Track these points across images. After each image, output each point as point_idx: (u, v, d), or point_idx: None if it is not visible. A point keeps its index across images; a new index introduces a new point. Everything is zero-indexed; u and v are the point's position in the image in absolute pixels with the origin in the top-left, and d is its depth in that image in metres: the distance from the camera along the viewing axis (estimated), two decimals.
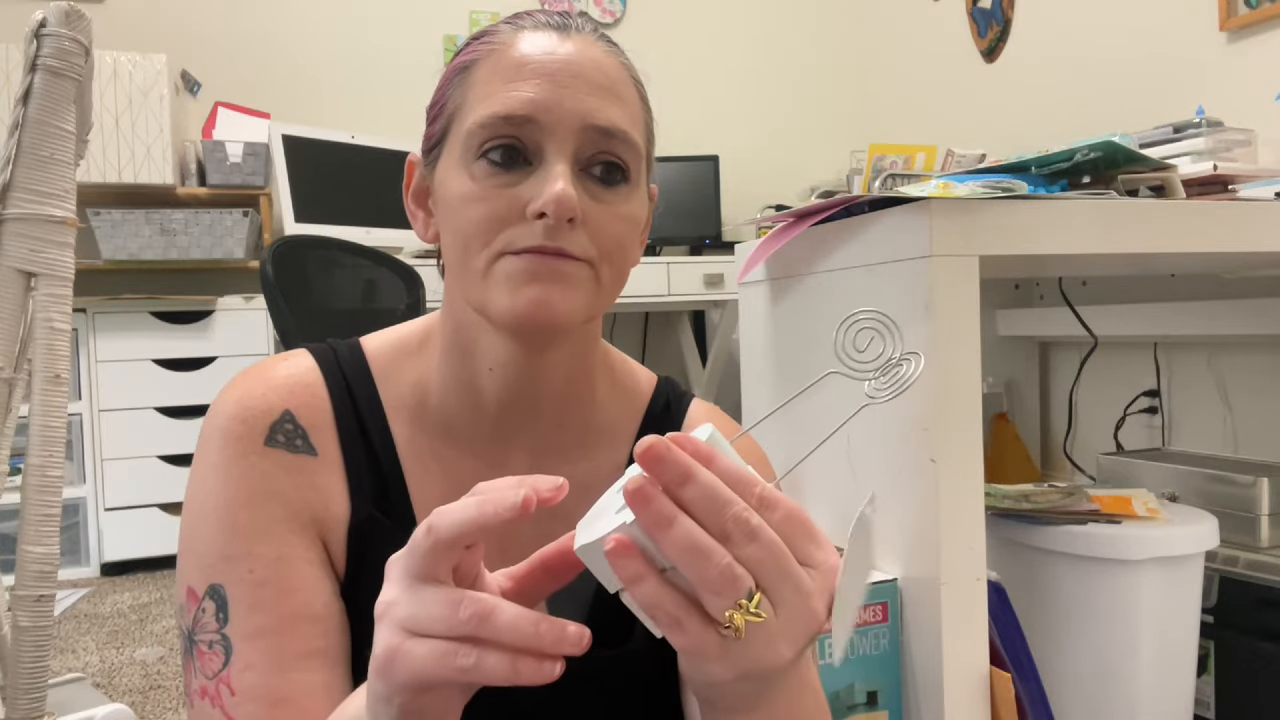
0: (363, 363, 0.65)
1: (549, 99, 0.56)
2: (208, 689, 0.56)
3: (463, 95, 0.59)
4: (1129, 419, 2.24)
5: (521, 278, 0.56)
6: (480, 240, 0.56)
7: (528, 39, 0.59)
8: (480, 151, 0.57)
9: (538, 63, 0.57)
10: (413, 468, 0.64)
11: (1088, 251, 0.98)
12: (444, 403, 0.64)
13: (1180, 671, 1.20)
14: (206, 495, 0.59)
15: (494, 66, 0.58)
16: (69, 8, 0.92)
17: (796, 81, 3.88)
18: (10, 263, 0.94)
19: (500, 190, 0.56)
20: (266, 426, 0.60)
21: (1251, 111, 2.03)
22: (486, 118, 0.56)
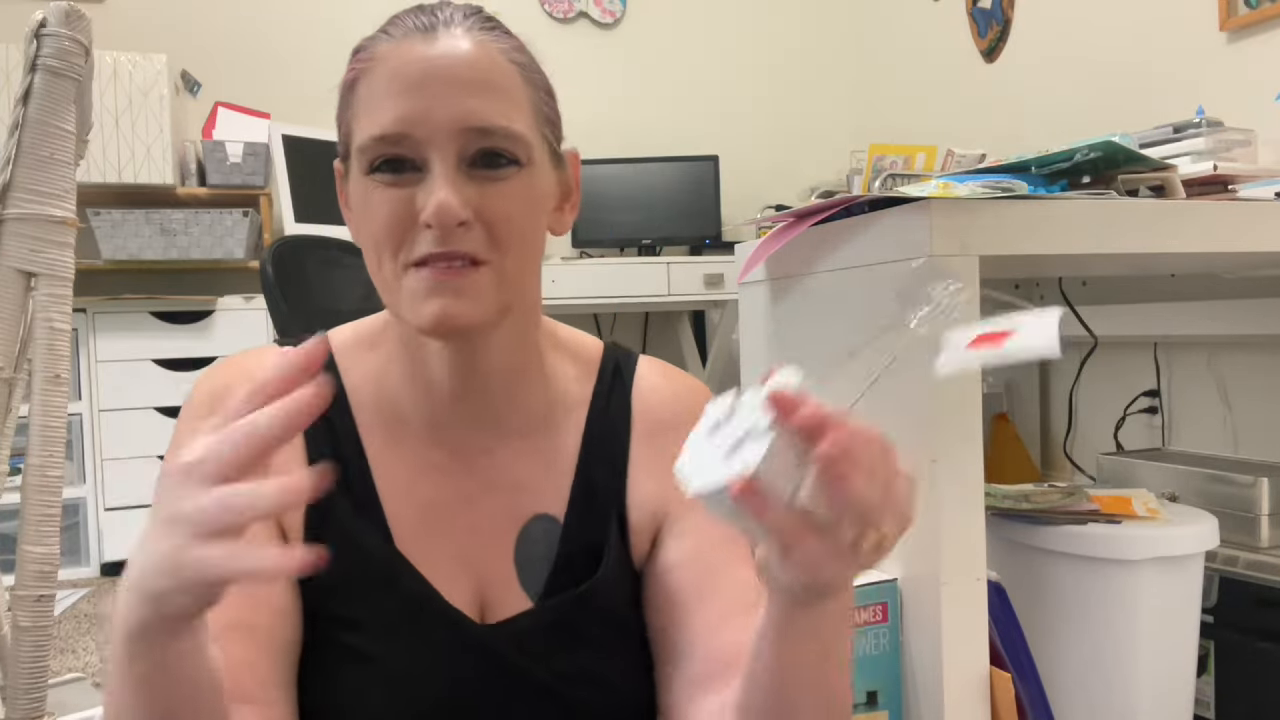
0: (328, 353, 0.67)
1: (417, 112, 0.58)
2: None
3: (352, 113, 0.62)
4: (1129, 419, 2.24)
5: (422, 293, 0.58)
6: (387, 250, 0.59)
7: (397, 50, 0.60)
8: (370, 168, 0.59)
9: (405, 75, 0.59)
10: (377, 453, 0.66)
11: (1088, 251, 0.98)
12: (400, 392, 0.66)
13: (1180, 671, 1.20)
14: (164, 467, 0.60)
15: (370, 84, 0.60)
16: (69, 8, 0.92)
17: (796, 81, 3.88)
18: (10, 263, 0.94)
19: (395, 201, 0.58)
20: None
21: (1251, 111, 2.02)
22: (365, 140, 0.59)
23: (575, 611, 0.65)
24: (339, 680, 0.61)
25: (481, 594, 0.65)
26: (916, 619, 0.95)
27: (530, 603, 0.65)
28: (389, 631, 0.62)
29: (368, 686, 0.61)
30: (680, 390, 0.73)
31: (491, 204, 0.59)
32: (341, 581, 0.61)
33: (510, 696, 0.63)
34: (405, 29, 0.61)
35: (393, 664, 0.61)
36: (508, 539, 0.66)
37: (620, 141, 3.57)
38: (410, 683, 0.61)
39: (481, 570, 0.65)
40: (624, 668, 0.67)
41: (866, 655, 0.94)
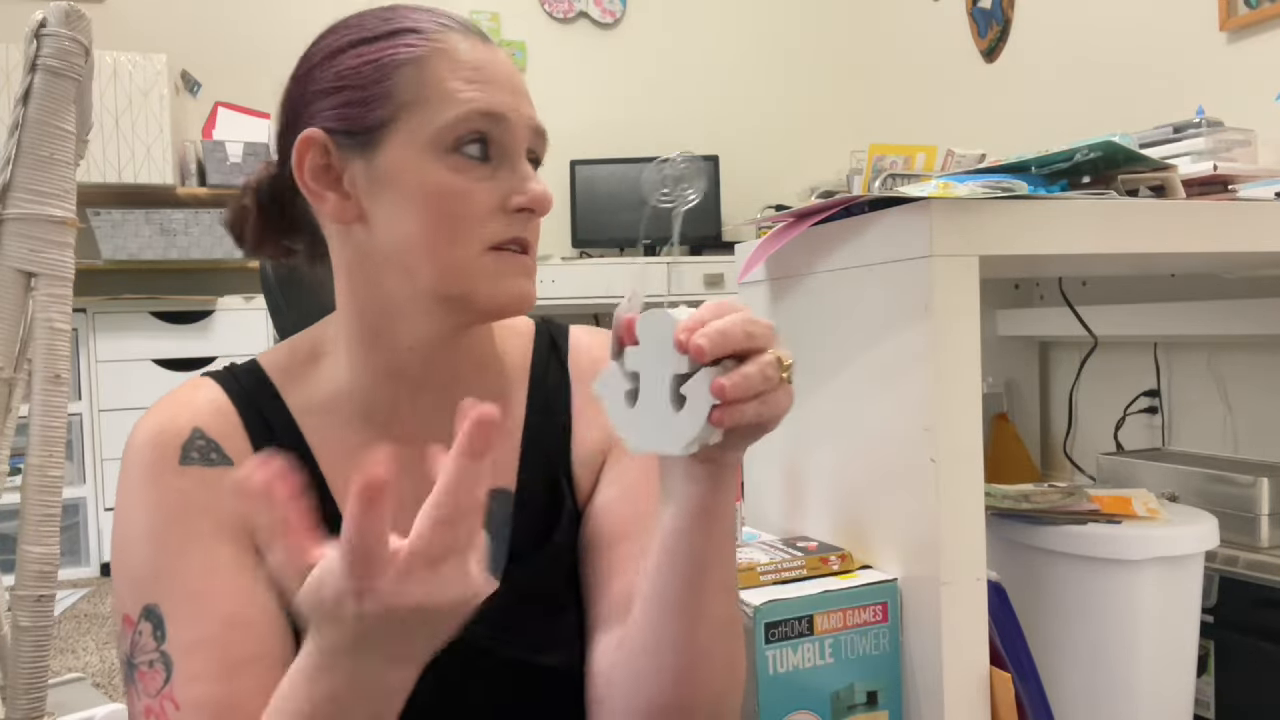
0: (261, 375, 0.68)
1: (512, 102, 0.63)
2: (151, 708, 0.56)
3: (418, 88, 0.61)
4: (1129, 419, 2.24)
5: (508, 274, 0.62)
6: (468, 233, 0.61)
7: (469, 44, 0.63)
8: (456, 145, 0.61)
9: (492, 68, 0.63)
10: (329, 461, 0.66)
11: (1088, 251, 0.98)
12: (359, 393, 0.67)
13: (1180, 671, 1.20)
14: (131, 523, 0.60)
15: (451, 66, 0.62)
16: (69, 8, 0.92)
17: (797, 81, 3.88)
18: (10, 263, 0.94)
19: (481, 183, 0.61)
20: (178, 447, 0.62)
21: (1251, 111, 2.02)
22: (467, 113, 0.60)
23: (536, 581, 0.67)
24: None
25: None
26: (916, 619, 0.95)
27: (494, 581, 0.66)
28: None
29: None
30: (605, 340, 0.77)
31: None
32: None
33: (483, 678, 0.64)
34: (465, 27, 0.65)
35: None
36: None
37: (620, 141, 3.57)
38: None
39: None
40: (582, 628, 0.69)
41: (866, 655, 0.94)
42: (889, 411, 0.98)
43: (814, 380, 1.13)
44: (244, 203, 0.70)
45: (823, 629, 0.91)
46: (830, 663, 0.90)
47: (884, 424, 0.99)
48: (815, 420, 1.13)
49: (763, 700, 0.86)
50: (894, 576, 0.97)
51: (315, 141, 0.64)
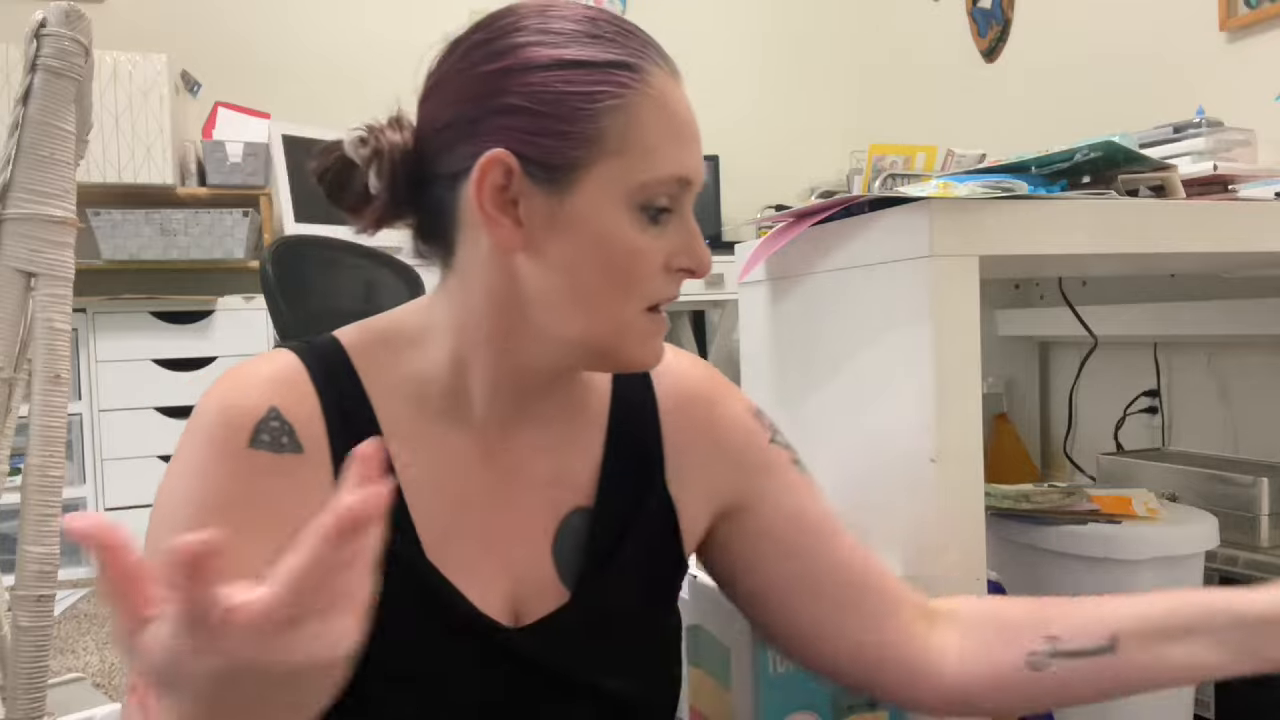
0: (343, 355, 0.65)
1: (700, 164, 0.63)
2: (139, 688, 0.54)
3: (623, 134, 0.58)
4: (1129, 419, 2.24)
5: (651, 334, 0.63)
6: (637, 292, 0.61)
7: (672, 88, 0.61)
8: (647, 204, 0.60)
9: (689, 123, 0.62)
10: (401, 453, 0.63)
11: (1088, 251, 0.98)
12: (454, 390, 0.64)
13: None
14: (180, 499, 0.58)
15: (659, 118, 0.60)
16: (69, 8, 0.92)
17: (796, 81, 3.88)
18: (10, 263, 0.94)
19: (656, 243, 0.61)
20: (251, 426, 0.59)
21: (1251, 111, 2.02)
22: (667, 178, 0.60)
23: (608, 600, 0.66)
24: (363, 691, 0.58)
25: (515, 594, 0.64)
26: None
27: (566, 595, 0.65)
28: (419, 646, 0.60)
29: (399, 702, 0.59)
30: (693, 365, 0.77)
31: None
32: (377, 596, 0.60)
33: (544, 698, 0.63)
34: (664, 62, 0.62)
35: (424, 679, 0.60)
36: (545, 536, 0.66)
37: None
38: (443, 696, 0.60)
39: (517, 570, 0.65)
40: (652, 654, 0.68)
41: None
42: (889, 411, 0.98)
43: (814, 380, 1.13)
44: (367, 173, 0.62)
45: None
46: None
47: (884, 424, 0.99)
48: (815, 420, 1.13)
49: (763, 700, 0.86)
50: None
51: (502, 163, 0.58)
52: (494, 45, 0.60)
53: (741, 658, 0.88)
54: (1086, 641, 0.66)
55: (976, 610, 0.72)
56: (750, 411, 0.76)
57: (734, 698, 0.90)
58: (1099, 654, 0.65)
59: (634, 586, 0.68)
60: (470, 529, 0.64)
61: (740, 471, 0.73)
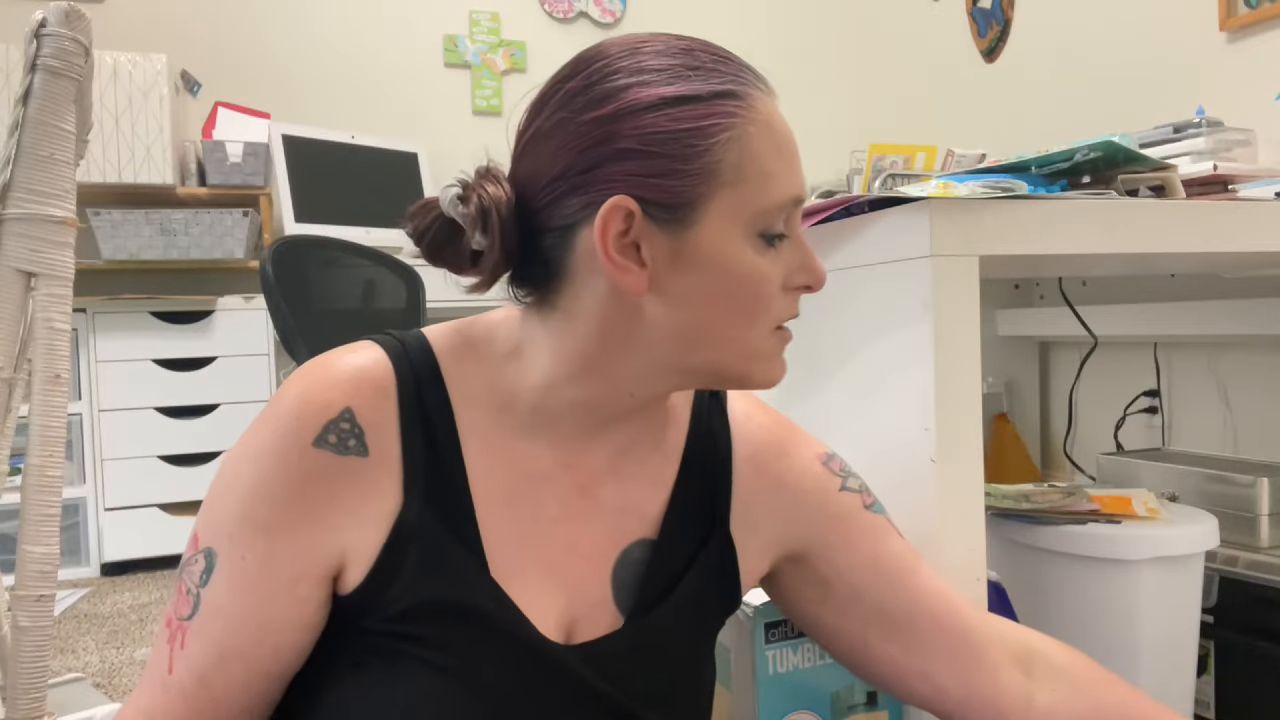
0: (430, 358, 0.64)
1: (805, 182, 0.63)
2: (173, 624, 0.61)
3: (737, 164, 0.58)
4: (1129, 419, 2.24)
5: (780, 351, 0.64)
6: (766, 316, 0.62)
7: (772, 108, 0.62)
8: (768, 231, 0.60)
9: (792, 142, 0.62)
10: (477, 462, 0.63)
11: (1088, 251, 0.98)
12: (543, 406, 0.64)
13: (1180, 671, 1.20)
14: (241, 473, 0.60)
15: (770, 141, 0.60)
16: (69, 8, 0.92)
17: (796, 81, 3.88)
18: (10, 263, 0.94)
19: (775, 266, 0.61)
20: (320, 425, 0.59)
21: (1251, 111, 2.03)
22: (783, 201, 0.60)
23: (658, 632, 0.66)
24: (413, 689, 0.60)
25: (570, 612, 0.64)
26: None
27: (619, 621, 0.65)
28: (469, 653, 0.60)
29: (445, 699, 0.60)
30: (774, 418, 0.77)
31: None
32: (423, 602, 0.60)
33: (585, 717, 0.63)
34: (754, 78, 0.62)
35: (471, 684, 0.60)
36: (605, 560, 0.66)
37: None
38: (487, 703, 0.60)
39: (574, 589, 0.65)
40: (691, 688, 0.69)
41: None
42: (889, 411, 0.98)
43: (814, 380, 1.13)
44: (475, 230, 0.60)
45: None
46: (830, 663, 0.90)
47: (884, 424, 0.99)
48: (815, 420, 1.13)
49: (763, 700, 0.86)
50: None
51: (624, 209, 0.57)
52: (594, 91, 0.59)
53: (742, 658, 0.89)
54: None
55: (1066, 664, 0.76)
56: (820, 459, 0.76)
57: (734, 698, 0.91)
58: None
59: (686, 622, 0.68)
60: (536, 543, 0.64)
61: (808, 522, 0.74)
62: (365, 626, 0.60)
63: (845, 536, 0.74)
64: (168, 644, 0.60)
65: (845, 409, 1.06)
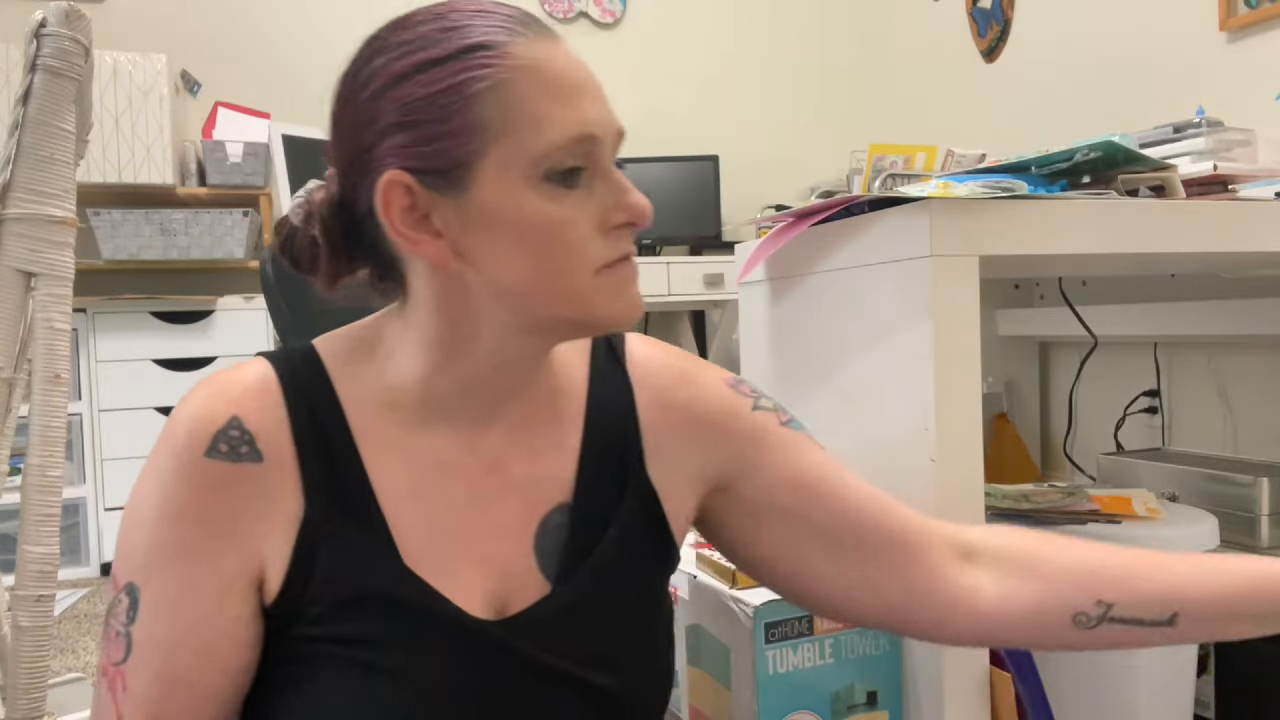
0: (317, 364, 0.66)
1: (600, 114, 0.60)
2: (109, 671, 0.60)
3: (503, 115, 0.57)
4: (1129, 419, 2.24)
5: (620, 288, 0.62)
6: (577, 257, 0.60)
7: (546, 51, 0.59)
8: (551, 174, 0.58)
9: (576, 79, 0.59)
10: (375, 460, 0.64)
11: (1088, 251, 0.98)
12: (428, 397, 0.65)
13: (1180, 671, 1.20)
14: (144, 500, 0.61)
15: (537, 86, 0.58)
16: (69, 8, 0.92)
17: (796, 81, 3.88)
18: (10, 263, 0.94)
19: (580, 206, 0.59)
20: (210, 436, 0.60)
21: (1251, 111, 2.02)
22: (562, 141, 0.58)
23: (590, 590, 0.66)
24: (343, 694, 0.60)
25: (498, 592, 0.64)
26: None
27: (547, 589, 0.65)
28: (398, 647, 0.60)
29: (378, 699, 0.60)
30: (674, 354, 0.76)
31: None
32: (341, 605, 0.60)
33: (527, 690, 0.63)
34: (539, 31, 0.60)
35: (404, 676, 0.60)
36: (525, 531, 0.66)
37: None
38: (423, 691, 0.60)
39: (498, 566, 0.65)
40: (638, 647, 0.68)
41: (866, 655, 0.94)
42: (889, 411, 0.98)
43: (814, 380, 1.13)
44: (311, 233, 0.64)
45: (823, 629, 0.91)
46: (830, 663, 0.90)
47: (884, 424, 0.99)
48: (815, 420, 1.13)
49: (763, 700, 0.86)
50: None
51: (399, 184, 0.58)
52: (361, 73, 0.60)
53: (741, 658, 0.89)
54: (1144, 613, 0.67)
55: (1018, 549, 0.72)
56: (727, 383, 0.75)
57: (734, 698, 0.91)
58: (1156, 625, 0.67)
59: (617, 579, 0.67)
60: (450, 531, 0.64)
61: (725, 445, 0.72)
62: (294, 635, 0.60)
63: (764, 455, 0.72)
64: (108, 692, 0.60)
65: (845, 409, 1.06)
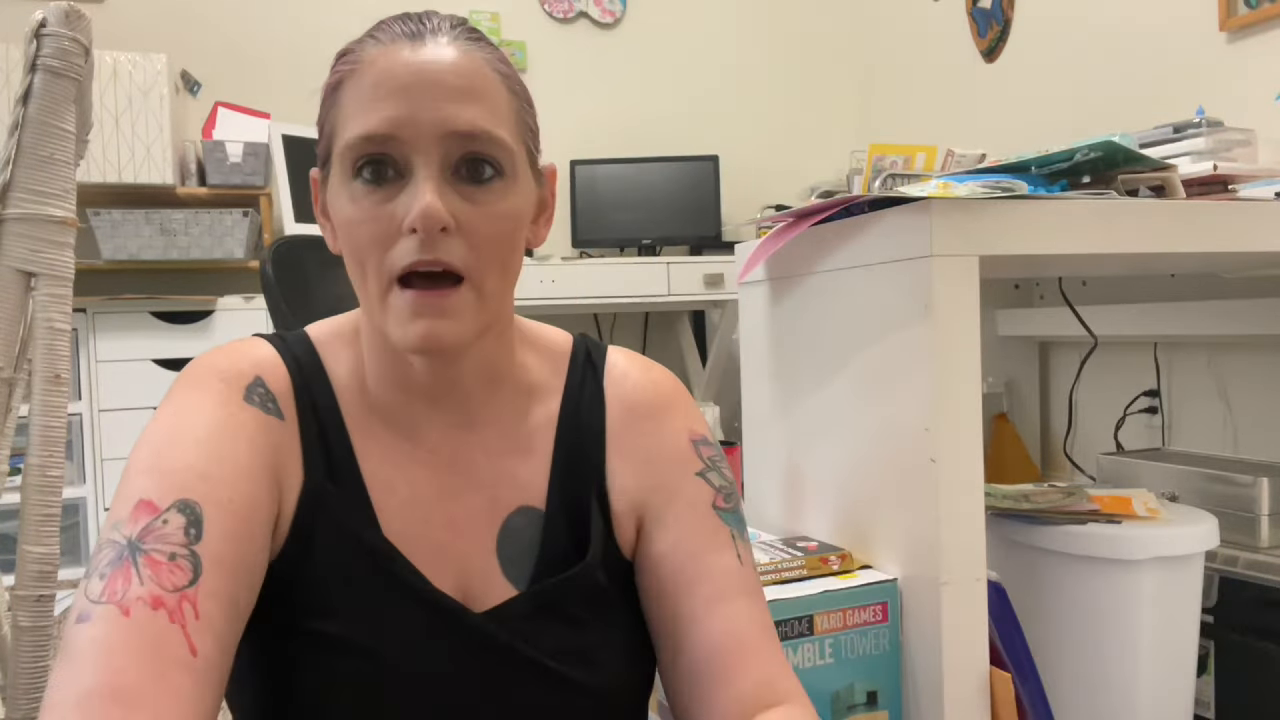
0: (310, 347, 0.68)
1: (404, 113, 0.58)
2: (164, 601, 0.51)
3: (335, 117, 0.61)
4: (1129, 419, 2.24)
5: (408, 313, 0.59)
6: (371, 262, 0.60)
7: (384, 54, 0.60)
8: (354, 172, 0.59)
9: (393, 78, 0.59)
10: (361, 443, 0.66)
11: (1088, 251, 0.98)
12: (377, 389, 0.67)
13: (1180, 671, 1.20)
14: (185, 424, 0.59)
15: (356, 86, 0.60)
16: (69, 8, 0.92)
17: (796, 81, 3.88)
18: (10, 263, 0.94)
19: (377, 208, 0.59)
20: (244, 386, 0.62)
21: (1251, 111, 2.02)
22: (352, 139, 0.59)
23: (560, 596, 0.66)
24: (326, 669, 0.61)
25: (464, 587, 0.65)
26: (916, 619, 0.95)
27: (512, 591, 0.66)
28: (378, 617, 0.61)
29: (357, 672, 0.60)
30: (654, 378, 0.75)
31: (474, 213, 0.59)
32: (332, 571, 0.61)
33: (500, 674, 0.63)
34: (392, 34, 0.62)
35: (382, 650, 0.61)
36: (488, 533, 0.67)
37: (620, 141, 3.57)
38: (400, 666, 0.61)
39: (463, 564, 0.66)
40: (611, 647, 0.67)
41: (866, 655, 0.94)
42: (889, 411, 0.98)
43: (814, 380, 1.13)
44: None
45: (823, 629, 0.91)
46: (830, 663, 0.91)
47: (884, 424, 0.99)
48: (815, 420, 1.13)
49: None
50: (894, 576, 0.97)
51: (315, 180, 0.66)
52: None
53: None
54: None
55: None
56: (691, 436, 0.72)
57: None
58: None
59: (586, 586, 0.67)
60: (420, 522, 0.65)
61: (656, 491, 0.70)
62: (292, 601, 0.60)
63: (676, 521, 0.68)
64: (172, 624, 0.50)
65: (845, 409, 1.06)
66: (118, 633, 0.49)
